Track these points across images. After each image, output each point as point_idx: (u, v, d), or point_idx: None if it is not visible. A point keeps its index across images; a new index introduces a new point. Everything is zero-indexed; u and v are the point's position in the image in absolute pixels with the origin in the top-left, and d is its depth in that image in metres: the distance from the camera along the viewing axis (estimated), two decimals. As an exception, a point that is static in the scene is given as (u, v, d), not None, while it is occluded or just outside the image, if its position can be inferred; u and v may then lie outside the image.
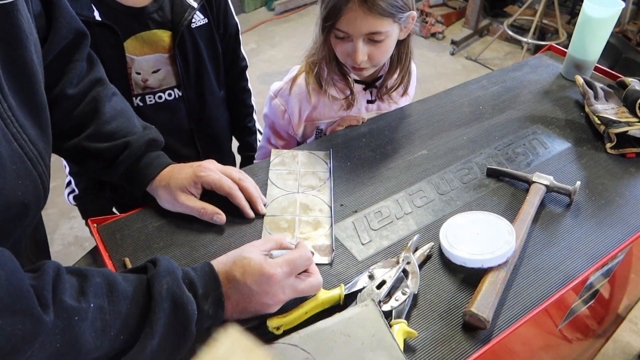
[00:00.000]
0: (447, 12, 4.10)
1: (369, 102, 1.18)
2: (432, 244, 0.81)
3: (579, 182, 0.89)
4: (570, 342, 1.20)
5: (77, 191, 1.25)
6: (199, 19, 1.13)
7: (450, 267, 0.78)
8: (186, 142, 1.25)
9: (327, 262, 0.79)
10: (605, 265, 0.85)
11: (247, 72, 1.36)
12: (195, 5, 1.11)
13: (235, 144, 1.47)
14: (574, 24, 1.40)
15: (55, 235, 2.31)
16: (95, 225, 0.84)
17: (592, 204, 0.91)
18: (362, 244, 0.82)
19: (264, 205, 0.87)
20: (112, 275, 0.58)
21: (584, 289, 0.89)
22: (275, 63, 3.62)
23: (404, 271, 0.75)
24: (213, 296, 0.62)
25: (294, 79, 1.15)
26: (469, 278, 0.76)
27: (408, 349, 0.67)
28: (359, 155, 1.01)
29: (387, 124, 1.11)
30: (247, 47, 3.78)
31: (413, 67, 1.21)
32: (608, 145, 1.03)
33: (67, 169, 1.24)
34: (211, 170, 0.84)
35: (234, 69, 1.31)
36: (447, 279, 0.77)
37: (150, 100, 1.15)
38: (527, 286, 0.76)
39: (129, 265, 0.76)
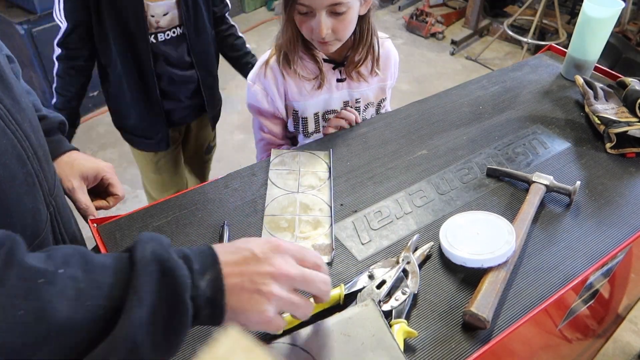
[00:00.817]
0: (447, 12, 4.10)
1: (338, 80, 1.19)
2: (431, 243, 0.81)
3: (579, 182, 0.89)
4: (570, 342, 1.20)
5: None
6: None
7: (450, 267, 0.78)
8: (187, 68, 1.50)
9: (327, 261, 0.79)
10: (605, 265, 0.85)
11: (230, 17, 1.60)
12: None
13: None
14: (574, 24, 1.40)
15: (55, 235, 2.31)
16: (95, 225, 0.84)
17: (592, 204, 0.91)
18: (362, 244, 0.82)
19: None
20: (86, 250, 0.50)
21: (584, 289, 0.89)
22: (275, 63, 3.62)
23: (404, 271, 0.75)
24: (211, 273, 0.53)
25: (266, 62, 1.17)
26: (469, 278, 0.77)
27: (408, 348, 0.67)
28: (359, 155, 1.01)
29: (387, 124, 1.11)
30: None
31: (392, 49, 1.24)
32: (608, 145, 1.03)
33: None
34: (114, 174, 0.94)
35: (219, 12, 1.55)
36: (447, 279, 0.77)
37: (161, 38, 1.40)
38: (527, 286, 0.76)
39: None
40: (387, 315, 0.69)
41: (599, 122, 1.05)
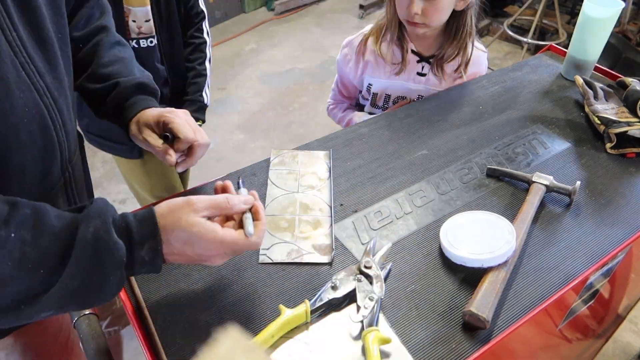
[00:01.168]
0: (447, 12, 4.10)
1: (419, 74, 1.29)
2: (390, 244, 0.80)
3: (579, 182, 0.89)
4: (570, 342, 1.20)
5: None
6: None
7: (450, 266, 0.78)
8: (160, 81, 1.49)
9: (327, 261, 0.79)
10: (605, 265, 0.85)
11: (205, 24, 1.55)
12: None
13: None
14: (574, 24, 1.40)
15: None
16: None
17: (592, 204, 0.91)
18: (362, 244, 0.82)
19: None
20: (45, 209, 0.57)
21: (584, 289, 0.89)
22: (275, 63, 3.61)
23: (368, 277, 0.74)
24: (150, 243, 0.60)
25: (366, 37, 1.31)
26: (469, 278, 0.77)
27: (409, 349, 0.67)
28: (359, 155, 1.01)
29: (387, 124, 1.11)
30: (247, 47, 3.78)
31: (484, 62, 1.30)
32: (608, 145, 1.03)
33: None
34: (179, 116, 0.82)
35: (188, 17, 1.52)
36: (447, 278, 0.77)
37: (144, 44, 1.41)
38: (527, 286, 0.76)
39: None
40: (361, 326, 0.68)
41: (599, 122, 1.05)
